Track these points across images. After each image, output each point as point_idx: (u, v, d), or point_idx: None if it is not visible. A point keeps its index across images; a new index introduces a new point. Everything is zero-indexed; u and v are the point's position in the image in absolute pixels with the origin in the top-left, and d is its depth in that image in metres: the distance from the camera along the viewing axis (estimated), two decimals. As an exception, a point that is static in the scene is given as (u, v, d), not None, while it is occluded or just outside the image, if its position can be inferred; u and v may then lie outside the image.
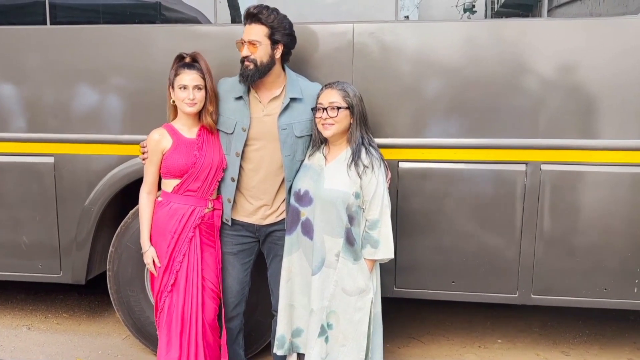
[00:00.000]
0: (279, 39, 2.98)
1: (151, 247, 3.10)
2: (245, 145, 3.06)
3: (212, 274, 3.18)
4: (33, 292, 4.92)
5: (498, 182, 3.41)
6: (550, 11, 3.44)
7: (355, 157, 2.91)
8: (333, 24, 3.40)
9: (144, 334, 3.78)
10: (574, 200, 3.38)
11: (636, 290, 3.44)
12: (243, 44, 2.97)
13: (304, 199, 2.99)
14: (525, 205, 3.40)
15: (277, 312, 3.18)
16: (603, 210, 3.38)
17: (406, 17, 3.52)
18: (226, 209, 3.16)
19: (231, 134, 3.07)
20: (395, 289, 3.59)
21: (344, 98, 2.91)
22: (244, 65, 2.96)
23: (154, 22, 3.67)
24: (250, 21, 2.96)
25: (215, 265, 3.19)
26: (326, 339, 2.98)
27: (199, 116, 3.08)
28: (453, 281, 3.54)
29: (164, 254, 3.08)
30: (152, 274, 3.17)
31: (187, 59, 3.06)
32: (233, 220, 3.17)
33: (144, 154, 3.13)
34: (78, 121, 3.64)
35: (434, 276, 3.55)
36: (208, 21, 3.58)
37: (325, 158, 3.01)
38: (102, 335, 4.24)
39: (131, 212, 3.62)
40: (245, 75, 2.97)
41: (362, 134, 2.96)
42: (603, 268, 3.44)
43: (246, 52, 2.95)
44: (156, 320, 3.21)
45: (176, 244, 3.06)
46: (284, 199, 3.12)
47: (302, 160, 3.09)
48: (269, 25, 2.94)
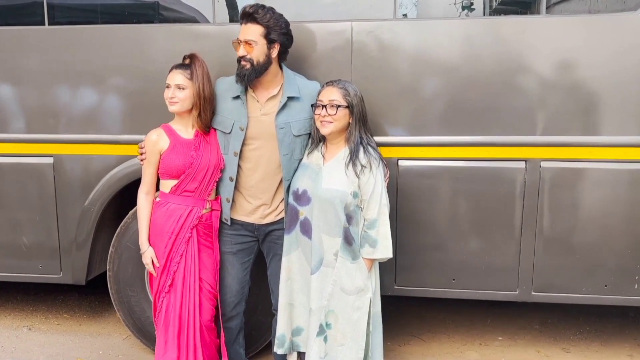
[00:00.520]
0: (275, 39, 2.97)
1: (149, 248, 3.10)
2: (243, 144, 3.06)
3: (210, 275, 3.18)
4: (33, 293, 4.92)
5: (498, 180, 3.40)
6: (549, 8, 3.44)
7: (353, 157, 2.90)
8: (331, 23, 3.39)
9: (145, 334, 3.78)
10: (573, 197, 3.38)
11: (636, 286, 3.44)
12: (239, 43, 2.96)
13: (302, 198, 2.99)
14: (525, 202, 3.40)
15: (277, 311, 3.18)
16: (603, 207, 3.37)
17: (404, 16, 3.52)
18: (225, 209, 3.16)
19: (229, 133, 3.07)
20: (395, 287, 3.59)
21: (344, 97, 2.91)
22: (241, 65, 2.96)
23: (152, 22, 3.67)
24: (246, 21, 2.95)
25: (213, 266, 3.19)
26: (325, 339, 2.98)
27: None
28: (453, 279, 3.54)
29: (161, 255, 3.08)
30: (151, 274, 3.17)
31: (186, 61, 3.07)
32: (232, 219, 3.17)
33: (142, 154, 3.13)
34: (77, 121, 3.64)
35: (434, 274, 3.55)
36: (206, 21, 3.57)
37: (323, 157, 3.01)
38: (103, 335, 4.24)
39: (131, 212, 3.62)
40: (242, 75, 2.96)
41: (361, 133, 2.95)
42: (603, 265, 3.43)
43: (242, 52, 2.94)
44: (154, 320, 3.21)
45: (173, 244, 3.06)
46: (283, 198, 3.12)
47: (301, 159, 3.09)
48: (265, 25, 2.94)
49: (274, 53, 2.99)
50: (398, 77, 3.38)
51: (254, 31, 2.94)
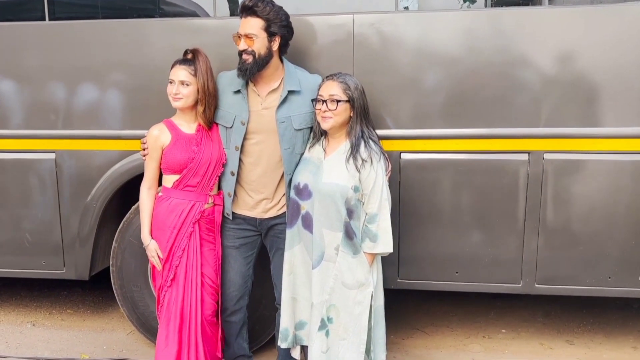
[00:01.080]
0: (275, 31, 2.96)
1: (152, 241, 3.11)
2: (245, 139, 3.05)
3: (211, 270, 3.18)
4: (37, 289, 4.94)
5: (501, 172, 3.39)
6: (551, -1, 3.43)
7: (354, 151, 2.89)
8: (333, 15, 3.38)
9: (148, 329, 3.78)
10: (577, 189, 3.37)
11: (640, 278, 3.44)
12: (240, 37, 2.95)
13: (304, 192, 2.98)
14: (528, 194, 3.39)
15: (281, 306, 3.18)
16: (606, 198, 3.36)
17: (406, 8, 3.50)
18: (227, 203, 3.16)
19: (230, 127, 3.07)
20: (398, 280, 3.59)
21: (345, 91, 2.89)
22: (242, 59, 2.94)
23: (153, 17, 3.66)
24: (246, 14, 2.94)
25: (215, 261, 3.20)
26: (327, 333, 2.98)
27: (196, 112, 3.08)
28: (456, 272, 3.54)
29: (163, 249, 3.09)
30: (155, 269, 3.18)
31: (188, 55, 3.06)
32: (234, 214, 3.17)
33: (144, 150, 3.13)
34: (79, 117, 3.64)
35: (437, 267, 3.55)
36: (207, 15, 3.56)
37: (324, 151, 3.00)
38: (107, 330, 4.25)
39: (133, 208, 3.62)
40: (244, 69, 2.95)
41: (362, 127, 2.93)
42: (607, 256, 3.43)
43: (243, 46, 2.93)
44: (158, 314, 3.22)
45: (175, 239, 3.07)
46: (285, 193, 3.11)
47: (302, 154, 3.08)
48: (265, 18, 2.92)
49: (275, 46, 2.98)
50: (400, 70, 3.37)
51: (254, 24, 2.93)
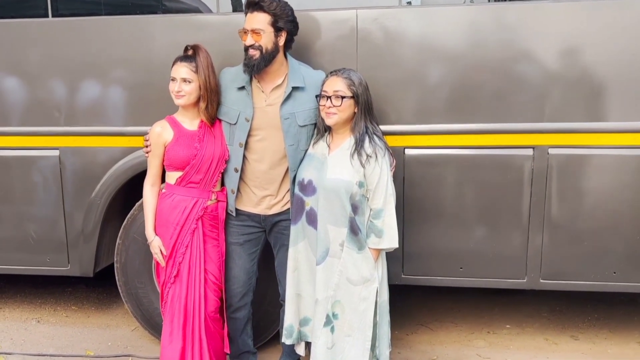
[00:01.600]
0: (282, 26, 2.95)
1: (156, 237, 3.11)
2: (249, 135, 3.04)
3: (214, 266, 3.18)
4: (42, 286, 4.95)
5: (505, 167, 3.38)
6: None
7: (359, 147, 2.88)
8: (336, 11, 3.37)
9: (153, 325, 3.79)
10: (581, 184, 3.36)
11: (645, 273, 3.43)
12: (246, 32, 2.93)
13: (308, 188, 2.98)
14: (533, 189, 3.38)
15: (285, 302, 3.18)
16: (611, 193, 3.35)
17: (409, 3, 3.49)
18: (230, 200, 3.15)
19: (234, 124, 3.06)
20: (403, 276, 3.58)
21: (349, 87, 2.88)
22: (249, 54, 2.92)
23: (155, 13, 3.65)
24: (252, 9, 2.92)
25: (218, 258, 3.20)
26: (332, 329, 2.98)
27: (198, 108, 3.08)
28: (461, 267, 3.53)
29: (167, 246, 3.09)
30: (159, 265, 3.18)
31: (189, 52, 3.05)
32: (239, 210, 3.17)
33: (147, 146, 3.13)
34: (82, 114, 3.64)
35: (442, 263, 3.54)
36: (210, 11, 3.55)
37: (328, 147, 2.99)
38: (111, 327, 4.26)
39: (137, 204, 3.62)
40: (251, 65, 2.93)
41: (367, 123, 2.93)
42: (612, 252, 3.42)
43: (250, 41, 2.91)
44: (162, 310, 3.23)
45: (179, 235, 3.07)
46: (289, 189, 3.11)
47: (306, 150, 3.08)
48: (272, 13, 2.91)
49: (281, 41, 2.97)
50: (403, 65, 3.35)
51: (261, 20, 2.91)
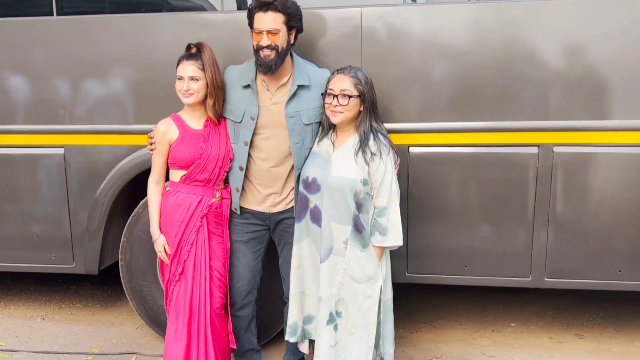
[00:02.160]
0: (294, 25, 2.96)
1: (161, 235, 3.11)
2: (254, 134, 3.04)
3: (220, 263, 3.19)
4: (47, 283, 4.96)
5: (510, 166, 3.38)
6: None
7: (363, 144, 2.87)
8: (340, 9, 3.36)
9: (157, 323, 3.80)
10: (586, 182, 3.35)
11: (651, 272, 3.41)
12: (260, 33, 2.91)
13: (312, 186, 2.97)
14: (538, 187, 3.37)
15: (289, 300, 3.18)
16: (616, 191, 3.34)
17: (414, 0, 3.48)
18: (234, 198, 3.15)
19: (239, 122, 3.06)
20: (407, 274, 3.58)
21: (356, 86, 2.87)
22: (264, 54, 2.90)
23: (160, 11, 3.65)
24: (266, 9, 2.89)
25: (223, 255, 3.20)
26: (335, 327, 2.97)
27: (205, 106, 3.07)
28: (465, 266, 3.53)
29: (172, 243, 3.09)
30: (163, 263, 3.18)
31: (193, 50, 3.05)
32: (243, 208, 3.17)
33: (151, 144, 3.13)
34: (87, 112, 3.64)
35: (446, 261, 3.54)
36: (214, 9, 3.55)
37: (333, 144, 2.99)
38: (116, 324, 4.27)
39: (142, 202, 3.62)
40: (268, 65, 2.91)
41: (371, 121, 2.92)
42: (617, 250, 3.41)
43: (266, 42, 2.88)
44: (166, 308, 3.23)
45: (184, 233, 3.07)
46: (294, 187, 3.11)
47: (311, 148, 3.07)
48: (287, 12, 2.90)
49: (292, 39, 2.98)
50: (408, 63, 3.35)
51: (276, 19, 2.90)
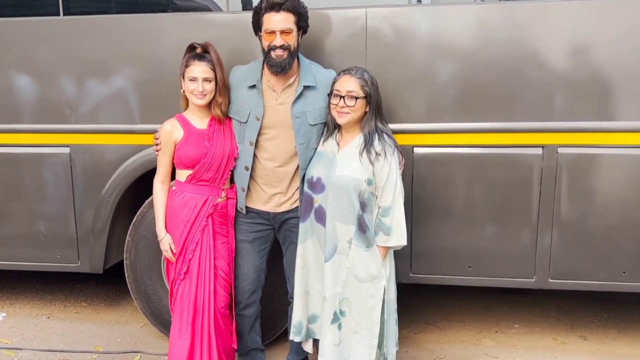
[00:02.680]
0: (303, 25, 2.98)
1: (167, 235, 3.12)
2: (259, 134, 3.05)
3: (224, 263, 3.20)
4: (52, 282, 4.98)
5: (514, 166, 3.38)
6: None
7: (368, 144, 2.89)
8: (345, 9, 3.37)
9: (162, 322, 3.81)
10: (591, 184, 3.34)
11: (655, 273, 3.41)
12: (273, 33, 2.92)
13: (317, 186, 2.98)
14: (542, 189, 3.37)
15: (293, 299, 3.19)
16: (621, 193, 3.34)
17: (419, 1, 3.48)
18: (240, 198, 3.16)
19: (245, 122, 3.07)
20: (411, 274, 3.58)
21: (363, 88, 2.88)
22: (276, 54, 2.91)
23: (165, 11, 3.67)
24: (278, 9, 2.90)
25: (228, 254, 3.21)
26: (339, 326, 2.98)
27: (210, 106, 3.08)
28: (469, 266, 3.53)
29: (177, 243, 3.11)
30: (168, 262, 3.20)
31: (198, 50, 3.05)
32: (248, 208, 3.18)
33: (157, 145, 3.14)
34: (93, 111, 3.66)
35: (450, 261, 3.54)
36: (219, 9, 3.56)
37: (338, 145, 3.00)
38: (121, 323, 4.28)
39: (147, 202, 3.64)
40: (282, 66, 2.93)
41: (376, 121, 2.94)
42: (621, 251, 3.40)
43: (280, 42, 2.90)
44: (171, 307, 3.24)
45: (189, 232, 3.08)
46: (298, 187, 3.11)
47: (316, 148, 3.08)
48: (297, 12, 2.93)
49: (300, 39, 3.00)
50: (413, 64, 3.35)
51: (288, 19, 2.91)
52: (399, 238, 2.92)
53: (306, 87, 3.02)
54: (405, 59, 3.35)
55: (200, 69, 2.99)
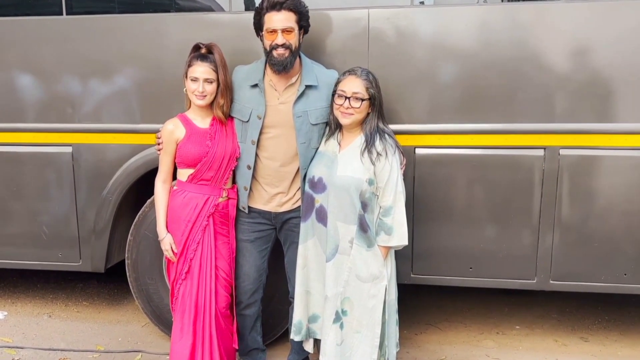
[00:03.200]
0: (304, 24, 2.99)
1: (168, 234, 3.13)
2: (261, 133, 3.06)
3: (225, 263, 3.20)
4: (53, 281, 4.99)
5: (516, 168, 3.38)
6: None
7: (369, 144, 2.89)
8: (348, 10, 3.37)
9: (163, 321, 3.81)
10: (593, 185, 3.34)
11: (657, 275, 3.41)
12: (274, 32, 2.93)
13: (318, 185, 2.99)
14: (544, 190, 3.37)
15: (294, 299, 3.19)
16: (622, 194, 3.34)
17: (421, 2, 3.49)
18: (242, 197, 3.17)
19: (247, 121, 3.07)
20: (412, 275, 3.58)
21: (367, 89, 2.89)
22: (278, 53, 2.92)
23: (168, 11, 3.67)
24: (279, 8, 2.91)
25: (229, 254, 3.22)
26: (341, 326, 2.99)
27: (212, 106, 3.08)
28: (470, 267, 3.53)
29: (178, 242, 3.11)
30: (169, 262, 3.20)
31: (203, 50, 3.06)
32: (250, 208, 3.18)
33: (159, 144, 3.15)
34: (95, 111, 3.66)
35: (451, 262, 3.54)
36: (222, 9, 3.57)
37: (339, 144, 3.00)
38: (122, 322, 4.29)
39: (149, 201, 3.64)
40: (284, 64, 2.94)
41: (378, 121, 2.94)
42: (622, 253, 3.40)
43: (282, 40, 2.91)
44: (172, 307, 3.25)
45: (190, 232, 3.09)
46: (300, 187, 3.12)
47: (317, 148, 3.09)
48: (298, 11, 2.94)
49: (302, 39, 3.00)
50: (415, 65, 3.35)
51: (289, 18, 2.93)
52: (400, 238, 2.93)
53: (308, 87, 3.03)
54: (407, 59, 3.35)
55: (202, 70, 2.99)
